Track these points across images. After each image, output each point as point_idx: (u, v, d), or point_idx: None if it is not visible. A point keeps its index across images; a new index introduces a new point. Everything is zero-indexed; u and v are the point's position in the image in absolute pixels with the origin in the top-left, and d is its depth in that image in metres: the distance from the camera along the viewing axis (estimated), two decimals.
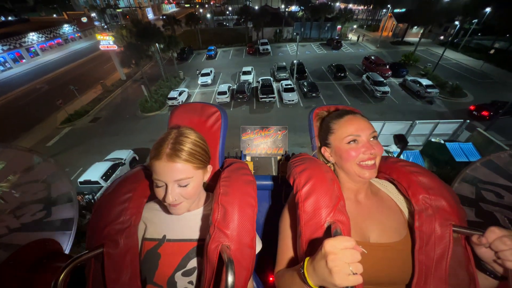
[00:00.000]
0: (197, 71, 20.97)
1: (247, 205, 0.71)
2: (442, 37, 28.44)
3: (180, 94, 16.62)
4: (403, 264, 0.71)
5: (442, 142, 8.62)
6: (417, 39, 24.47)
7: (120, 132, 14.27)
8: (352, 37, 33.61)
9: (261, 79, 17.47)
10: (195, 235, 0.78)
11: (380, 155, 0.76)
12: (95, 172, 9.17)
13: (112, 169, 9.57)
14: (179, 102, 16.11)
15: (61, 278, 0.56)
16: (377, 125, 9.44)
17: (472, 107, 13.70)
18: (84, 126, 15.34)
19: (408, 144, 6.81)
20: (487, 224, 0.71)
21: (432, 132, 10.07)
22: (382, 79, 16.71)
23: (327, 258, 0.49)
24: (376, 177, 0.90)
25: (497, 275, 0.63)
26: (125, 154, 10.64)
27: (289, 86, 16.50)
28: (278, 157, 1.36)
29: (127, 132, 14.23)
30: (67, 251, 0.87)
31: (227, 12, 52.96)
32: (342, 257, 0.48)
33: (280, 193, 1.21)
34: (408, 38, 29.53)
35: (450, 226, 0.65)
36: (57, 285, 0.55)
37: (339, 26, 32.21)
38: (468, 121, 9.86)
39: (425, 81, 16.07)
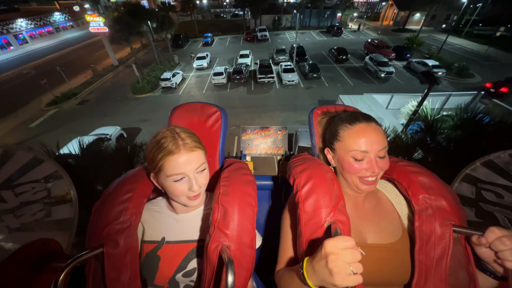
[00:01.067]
0: (192, 54, 20.23)
1: (247, 205, 0.71)
2: (444, 26, 27.94)
3: (173, 75, 15.82)
4: (401, 265, 0.71)
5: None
6: (418, 27, 23.99)
7: (109, 113, 13.72)
8: (353, 25, 32.99)
9: (260, 60, 16.79)
10: (195, 236, 0.78)
11: (383, 172, 0.74)
12: (75, 146, 8.83)
13: (96, 143, 9.29)
14: (172, 83, 15.45)
15: (61, 278, 0.56)
16: (384, 98, 8.97)
17: (488, 85, 12.78)
18: (71, 108, 14.73)
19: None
20: (487, 224, 0.71)
21: (443, 105, 9.39)
22: (386, 60, 16.05)
23: (328, 258, 0.49)
24: None
25: (497, 275, 0.63)
26: (111, 130, 9.98)
27: (289, 67, 15.76)
28: (278, 157, 1.37)
29: (116, 113, 13.61)
30: (67, 251, 0.87)
31: (224, 4, 52.03)
32: (343, 257, 0.48)
33: (280, 193, 1.21)
34: (410, 26, 29.04)
35: (450, 226, 0.65)
36: (57, 285, 0.55)
37: (339, 14, 31.63)
38: (482, 92, 9.30)
39: (431, 62, 15.58)
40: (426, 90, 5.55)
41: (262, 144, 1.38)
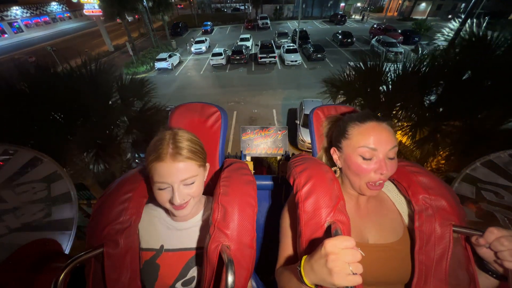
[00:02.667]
0: (192, 39, 19.51)
1: (247, 205, 0.71)
2: (450, 16, 27.20)
3: (170, 56, 15.10)
4: (401, 264, 0.71)
5: None
6: (424, 17, 23.34)
7: None
8: (356, 16, 32.28)
9: (261, 41, 16.07)
10: (194, 243, 0.77)
11: (390, 175, 0.71)
12: None
13: None
14: (168, 64, 14.75)
15: (61, 278, 0.56)
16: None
17: None
18: None
19: None
20: (487, 224, 0.71)
21: None
22: (395, 40, 15.31)
23: (328, 258, 0.49)
24: None
25: (498, 274, 0.63)
26: None
27: (291, 47, 14.99)
28: (278, 157, 1.37)
29: None
30: (67, 251, 0.88)
31: None
32: (343, 257, 0.48)
33: (280, 193, 1.21)
34: (415, 16, 28.35)
35: (450, 226, 0.65)
36: (57, 285, 0.55)
37: (342, 4, 30.74)
38: None
39: (443, 43, 15.15)
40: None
41: (262, 144, 1.39)
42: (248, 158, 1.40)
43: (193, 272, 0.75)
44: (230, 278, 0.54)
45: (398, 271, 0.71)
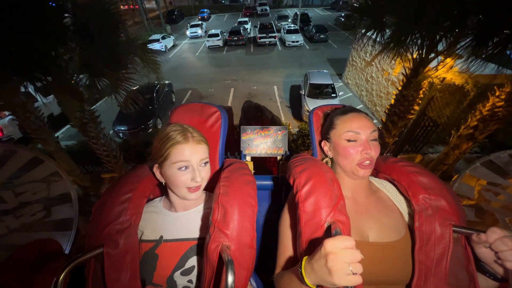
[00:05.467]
0: (188, 24, 18.50)
1: (247, 205, 0.71)
2: None
3: (163, 38, 14.26)
4: (402, 264, 0.71)
5: None
6: None
7: None
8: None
9: (260, 22, 15.10)
10: (193, 234, 0.79)
11: (376, 156, 0.78)
12: None
13: None
14: (162, 46, 13.96)
15: (61, 278, 0.56)
16: None
17: None
18: None
19: None
20: (487, 224, 0.71)
21: None
22: None
23: (327, 258, 0.49)
24: (376, 177, 0.91)
25: (497, 276, 0.63)
26: None
27: (293, 27, 14.21)
28: (278, 157, 1.37)
29: None
30: (67, 251, 0.88)
31: None
32: (342, 256, 0.48)
33: (280, 193, 1.21)
34: None
35: (450, 226, 0.65)
36: (57, 285, 0.55)
37: None
38: None
39: None
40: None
41: (262, 144, 1.39)
42: (248, 158, 1.40)
43: (192, 261, 0.76)
44: (230, 278, 0.54)
45: (399, 270, 0.71)
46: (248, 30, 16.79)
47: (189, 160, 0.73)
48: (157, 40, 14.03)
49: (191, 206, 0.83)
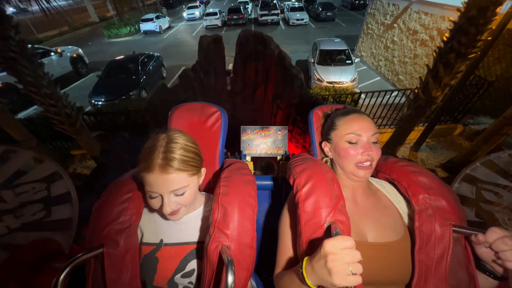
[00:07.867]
0: (184, 7, 17.54)
1: (247, 205, 0.71)
2: None
3: (157, 17, 13.26)
4: (402, 264, 0.71)
5: None
6: None
7: None
8: None
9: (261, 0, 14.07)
10: (193, 237, 0.78)
11: (377, 159, 0.77)
12: None
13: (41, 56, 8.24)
14: (156, 26, 13.11)
15: (61, 278, 0.56)
16: None
17: None
18: None
19: None
20: (487, 224, 0.71)
21: None
22: None
23: (327, 258, 0.49)
24: (376, 177, 0.91)
25: (496, 275, 0.63)
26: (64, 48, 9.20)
27: (297, 5, 13.38)
28: (278, 157, 1.37)
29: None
30: (67, 251, 0.88)
31: None
32: (342, 257, 0.48)
33: (280, 193, 1.21)
34: None
35: (450, 226, 0.65)
36: (57, 285, 0.55)
37: None
38: None
39: None
40: None
41: (262, 144, 1.39)
42: (248, 158, 1.40)
43: (193, 265, 0.76)
44: (230, 278, 0.54)
45: (399, 270, 0.71)
46: (249, 10, 15.78)
47: (157, 191, 0.64)
48: (151, 20, 12.97)
49: (191, 209, 0.81)
